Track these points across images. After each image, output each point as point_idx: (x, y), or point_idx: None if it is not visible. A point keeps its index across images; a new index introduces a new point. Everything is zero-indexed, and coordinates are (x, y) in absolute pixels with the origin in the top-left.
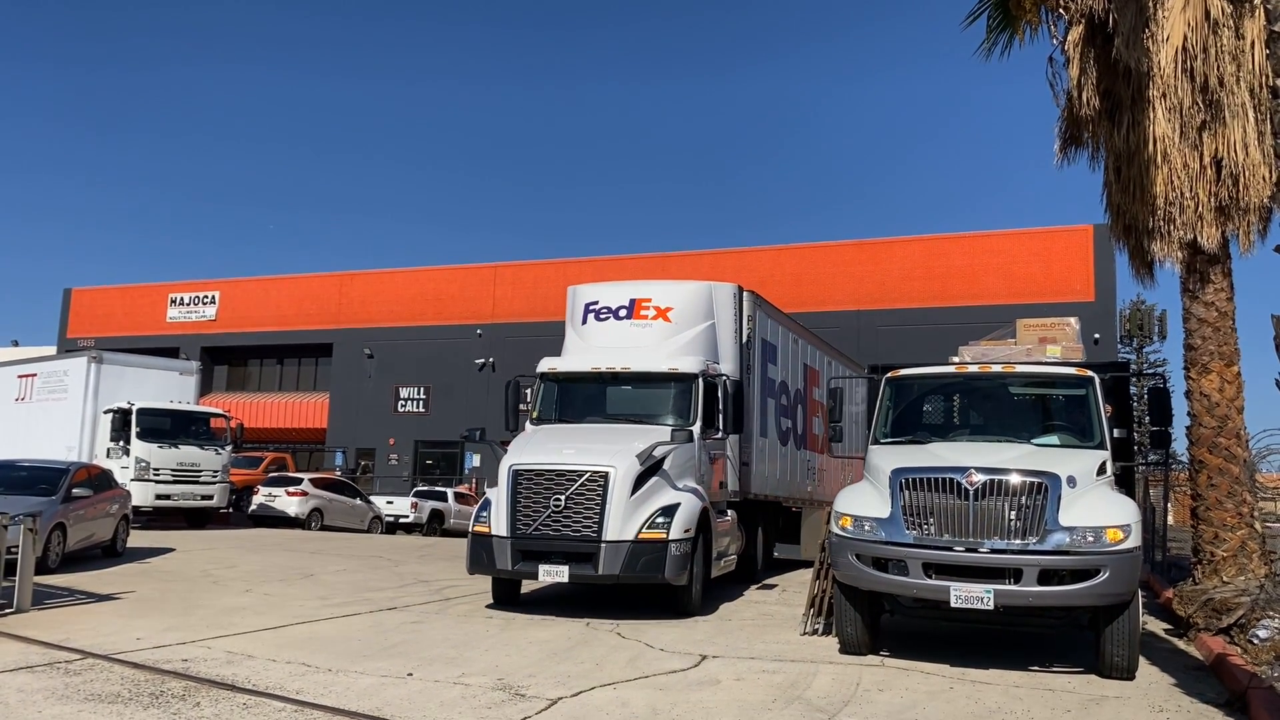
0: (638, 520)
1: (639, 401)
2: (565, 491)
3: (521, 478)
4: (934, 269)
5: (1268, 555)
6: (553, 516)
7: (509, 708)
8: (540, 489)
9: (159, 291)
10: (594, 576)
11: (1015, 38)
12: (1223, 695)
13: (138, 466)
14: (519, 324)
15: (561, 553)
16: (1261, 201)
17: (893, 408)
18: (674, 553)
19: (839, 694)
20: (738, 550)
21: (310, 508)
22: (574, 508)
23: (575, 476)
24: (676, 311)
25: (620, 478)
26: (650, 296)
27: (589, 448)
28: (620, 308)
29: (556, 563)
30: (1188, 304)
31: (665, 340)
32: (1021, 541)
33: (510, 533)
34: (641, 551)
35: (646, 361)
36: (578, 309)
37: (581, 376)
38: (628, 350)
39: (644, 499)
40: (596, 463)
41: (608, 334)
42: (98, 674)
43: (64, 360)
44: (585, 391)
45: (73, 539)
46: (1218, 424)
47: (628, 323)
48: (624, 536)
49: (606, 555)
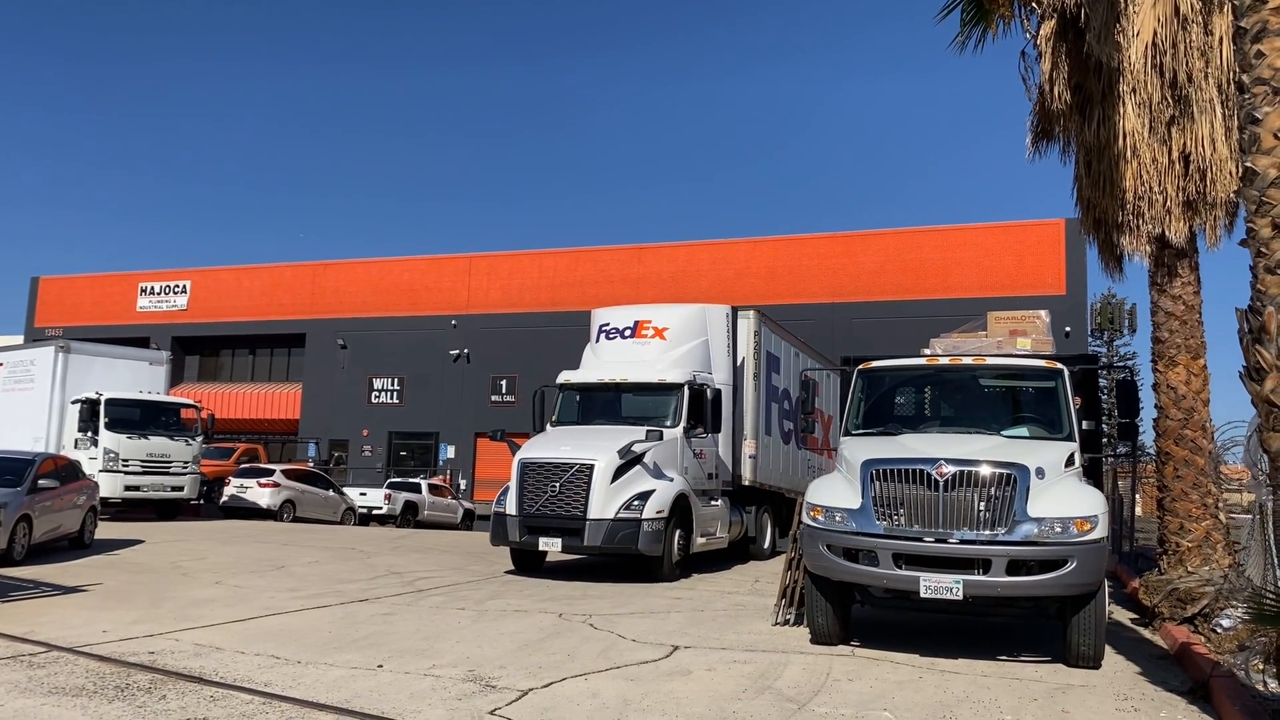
0: (616, 502)
1: (641, 406)
2: (560, 479)
3: (527, 468)
4: (908, 262)
5: (1231, 546)
6: (550, 499)
7: (479, 699)
8: (541, 477)
9: (129, 280)
10: (581, 547)
11: (989, 32)
12: (1186, 684)
13: (106, 457)
14: (494, 315)
15: (556, 528)
16: (1228, 196)
17: (864, 399)
18: (646, 529)
19: (809, 684)
20: (729, 532)
21: (282, 499)
22: (566, 492)
23: (568, 468)
24: (672, 331)
25: (601, 469)
26: (650, 319)
27: (580, 444)
28: (625, 328)
29: (553, 535)
30: (1155, 297)
31: (661, 355)
32: (990, 532)
33: (519, 512)
34: (619, 528)
35: (643, 373)
36: (594, 329)
37: (590, 386)
38: (629, 364)
39: (624, 486)
40: (583, 457)
41: (614, 350)
42: (62, 667)
43: (31, 349)
44: (597, 398)
45: (39, 531)
46: (1184, 416)
47: (631, 341)
48: (604, 515)
49: (590, 530)
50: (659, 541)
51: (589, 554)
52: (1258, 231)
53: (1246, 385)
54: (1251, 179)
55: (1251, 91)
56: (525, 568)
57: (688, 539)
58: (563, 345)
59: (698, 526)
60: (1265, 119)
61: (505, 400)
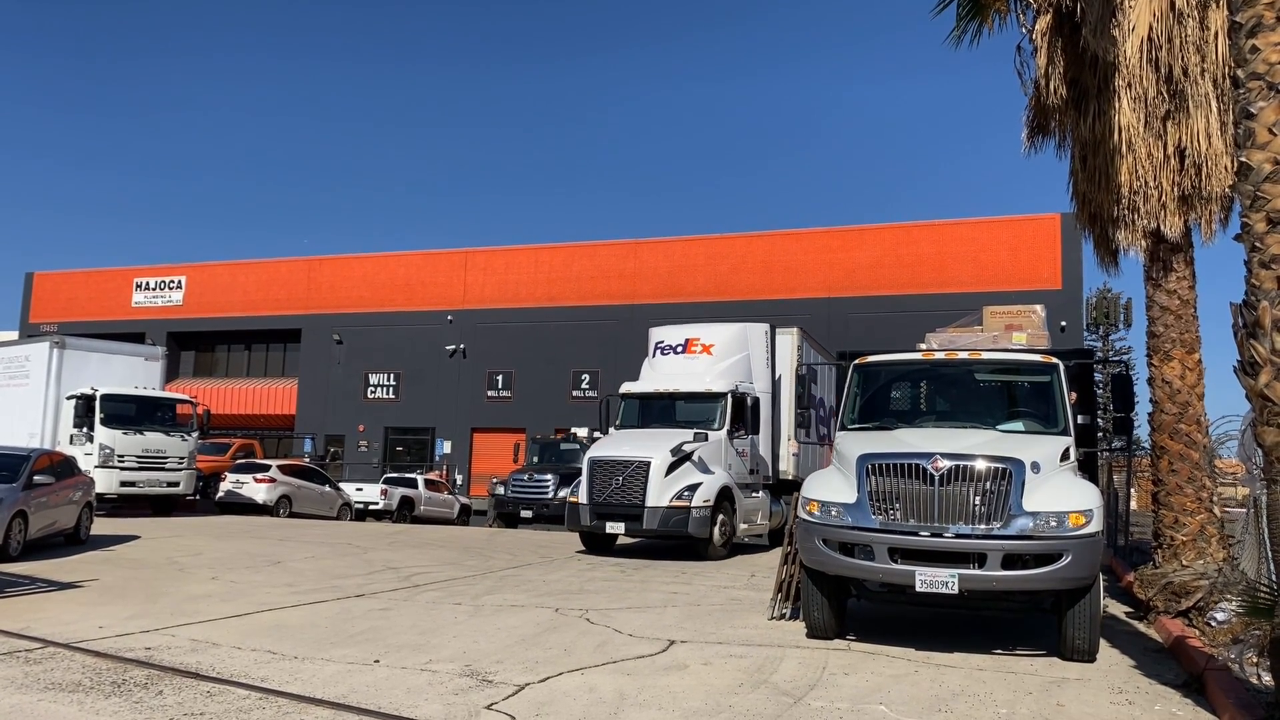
0: (670, 493)
1: (691, 412)
2: (623, 474)
3: (595, 465)
4: (903, 256)
5: (1226, 539)
6: (615, 490)
7: (476, 694)
8: (607, 472)
9: (124, 276)
10: (640, 530)
11: (984, 26)
12: (1181, 677)
13: (102, 453)
14: (490, 310)
15: (620, 514)
16: (1223, 191)
17: (860, 394)
18: (695, 515)
19: (805, 678)
20: (769, 521)
21: (278, 495)
22: (628, 485)
23: (629, 464)
24: (718, 347)
25: (657, 465)
26: (699, 336)
27: (639, 445)
28: (678, 344)
29: (617, 520)
30: (1151, 292)
31: (709, 368)
32: (986, 526)
33: (589, 501)
34: (672, 514)
35: (693, 384)
36: (650, 345)
37: (648, 395)
38: (680, 376)
39: (676, 479)
40: (641, 455)
41: (668, 364)
42: (58, 663)
43: (25, 345)
44: (654, 405)
45: (34, 527)
46: (1179, 410)
47: (682, 356)
48: (660, 503)
49: (648, 515)
50: (706, 526)
51: (646, 536)
52: (1252, 226)
53: (1241, 380)
54: (1246, 174)
55: (1246, 86)
56: (595, 549)
57: (732, 525)
58: (559, 340)
59: (740, 514)
60: (1260, 114)
61: (502, 395)
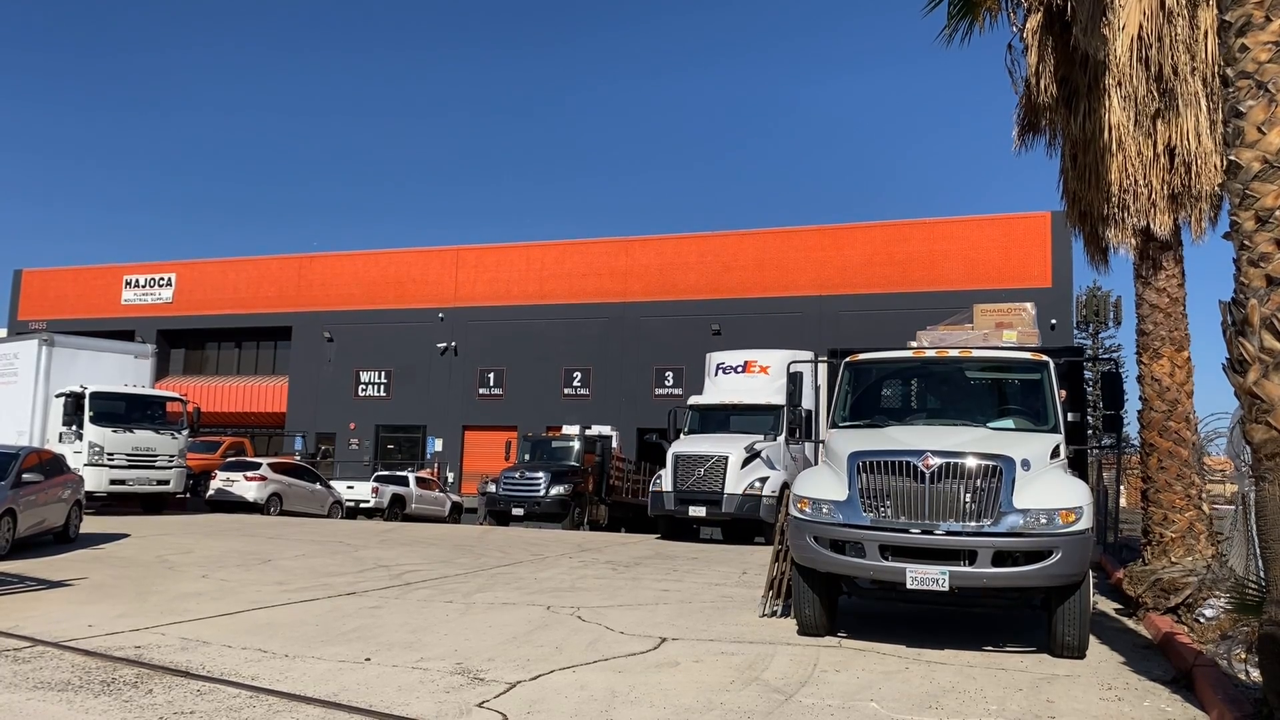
0: (744, 483)
1: (746, 423)
2: (704, 466)
3: (679, 459)
4: (894, 254)
5: (1214, 536)
6: (696, 480)
7: (467, 691)
8: (689, 465)
9: (114, 273)
10: (719, 513)
11: (975, 25)
12: (1170, 673)
13: (91, 451)
14: (481, 307)
15: (701, 500)
16: (1213, 189)
17: (851, 392)
18: (765, 503)
19: (797, 675)
20: None
21: (269, 492)
22: (709, 476)
23: (709, 458)
24: (773, 368)
25: (733, 459)
26: (756, 359)
27: (716, 443)
28: (738, 365)
29: (699, 505)
30: (1140, 290)
31: (766, 385)
32: (976, 524)
33: (673, 489)
34: (747, 500)
35: (753, 398)
36: (711, 366)
37: (713, 407)
38: (741, 391)
39: (749, 472)
40: (720, 450)
41: (731, 382)
42: (47, 661)
43: (14, 343)
44: (714, 415)
45: (23, 525)
46: (1168, 408)
47: (742, 375)
48: (736, 491)
49: (726, 501)
50: (774, 512)
51: (723, 519)
52: (1241, 224)
53: (1230, 377)
54: (1235, 172)
55: (1235, 85)
56: (674, 535)
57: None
58: (550, 337)
59: None
60: (1249, 113)
61: (493, 393)
